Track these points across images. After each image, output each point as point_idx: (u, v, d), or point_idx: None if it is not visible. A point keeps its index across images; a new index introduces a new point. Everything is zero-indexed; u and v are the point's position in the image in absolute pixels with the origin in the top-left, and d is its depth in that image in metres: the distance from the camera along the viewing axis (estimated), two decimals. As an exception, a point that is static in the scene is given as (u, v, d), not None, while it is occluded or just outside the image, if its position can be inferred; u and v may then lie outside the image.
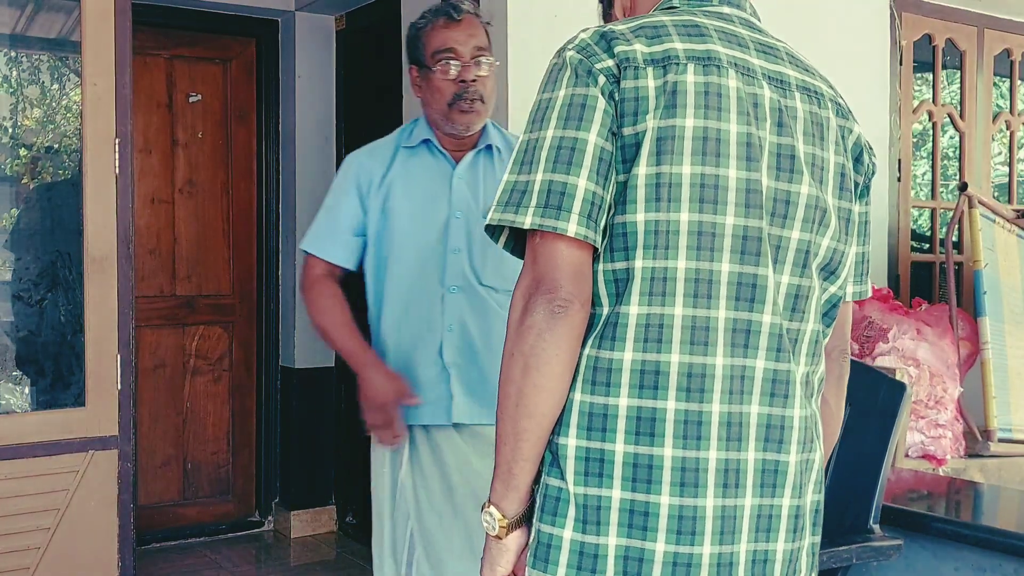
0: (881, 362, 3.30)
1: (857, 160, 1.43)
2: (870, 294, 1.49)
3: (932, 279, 4.38)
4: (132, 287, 2.80)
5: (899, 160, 4.14)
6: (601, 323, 1.24)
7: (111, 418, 2.75)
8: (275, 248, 4.60)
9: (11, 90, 3.31)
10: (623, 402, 1.22)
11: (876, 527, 1.80)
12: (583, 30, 1.30)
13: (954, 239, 4.14)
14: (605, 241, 1.24)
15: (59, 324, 3.01)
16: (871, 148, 1.47)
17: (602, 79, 1.24)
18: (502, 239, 1.31)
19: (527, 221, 1.21)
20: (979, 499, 2.51)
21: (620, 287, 1.24)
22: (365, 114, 4.40)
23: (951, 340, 3.50)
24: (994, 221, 3.72)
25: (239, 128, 4.57)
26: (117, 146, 2.75)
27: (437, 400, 2.24)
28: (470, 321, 2.25)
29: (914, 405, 3.26)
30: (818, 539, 1.36)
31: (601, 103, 1.23)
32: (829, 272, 1.37)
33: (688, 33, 1.28)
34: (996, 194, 4.67)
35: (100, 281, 2.73)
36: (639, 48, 1.25)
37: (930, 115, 4.40)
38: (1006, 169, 4.83)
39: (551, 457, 1.25)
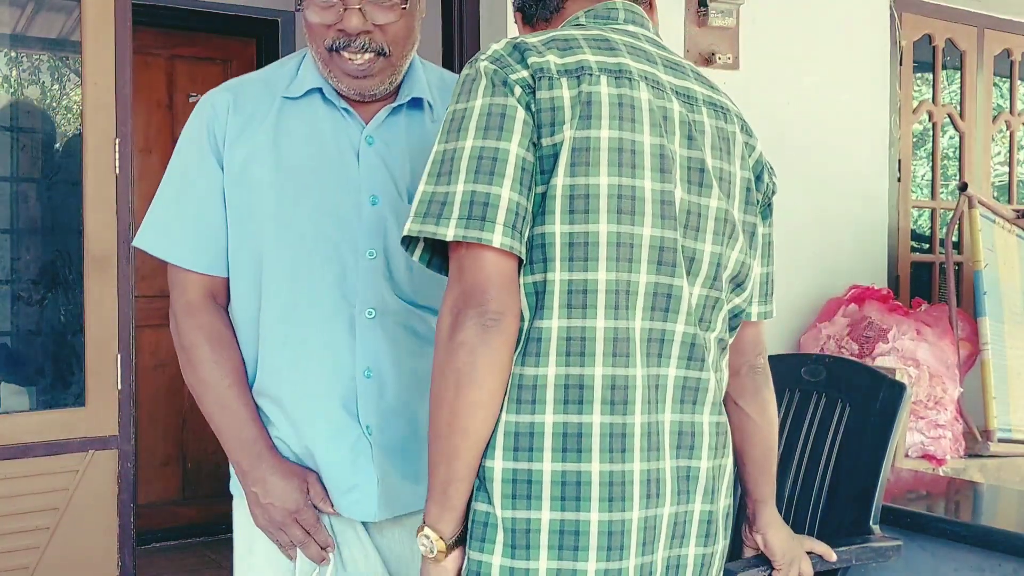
0: (881, 362, 3.30)
1: (758, 178, 1.44)
2: (774, 315, 1.51)
3: (932, 279, 4.38)
4: (132, 287, 2.80)
5: (899, 160, 4.14)
6: (522, 338, 1.22)
7: (111, 418, 2.75)
8: (275, 248, 4.60)
9: (11, 90, 3.30)
10: (549, 419, 1.20)
11: (876, 528, 1.80)
12: (495, 42, 1.29)
13: (954, 239, 4.14)
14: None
15: (59, 324, 3.01)
16: (772, 169, 1.48)
17: (518, 90, 1.22)
18: (417, 251, 1.26)
19: (450, 232, 1.17)
20: (979, 499, 2.51)
21: (539, 300, 1.21)
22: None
23: (951, 340, 3.50)
24: (994, 221, 3.72)
25: (239, 128, 4.57)
26: (117, 146, 2.75)
27: (355, 488, 1.54)
28: (396, 360, 1.53)
29: (914, 405, 3.26)
30: (727, 543, 1.38)
31: (520, 113, 1.21)
32: (737, 284, 1.39)
33: (599, 47, 1.28)
34: (996, 194, 4.67)
35: (100, 281, 2.74)
36: (552, 59, 1.23)
37: (930, 115, 4.40)
38: (1006, 169, 4.83)
39: (478, 482, 1.22)
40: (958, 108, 4.50)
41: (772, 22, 3.66)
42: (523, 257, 1.21)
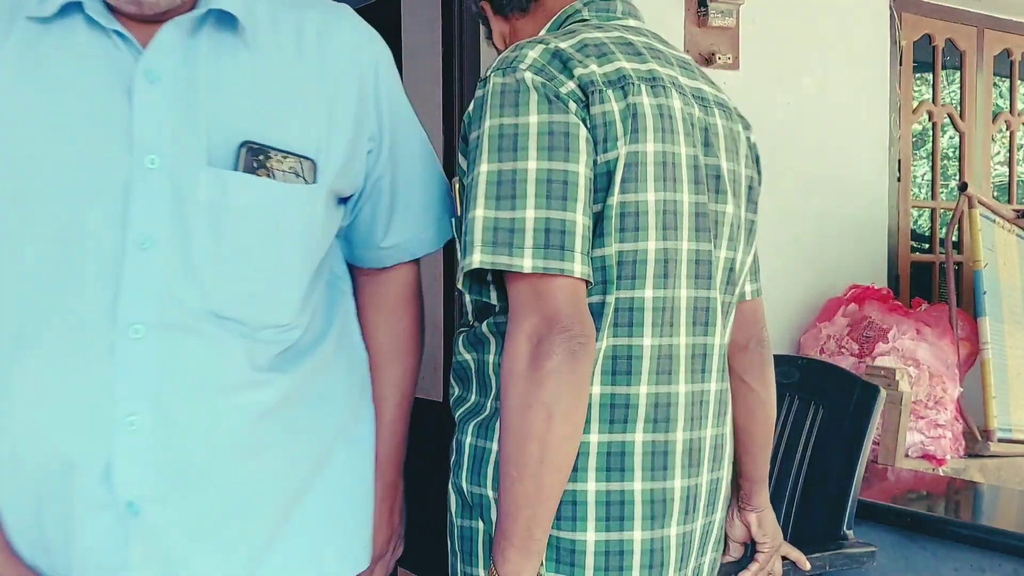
0: (881, 362, 3.30)
1: (759, 173, 1.45)
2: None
3: (932, 279, 4.38)
4: (132, 287, 2.79)
5: (899, 160, 4.14)
6: None
7: (111, 418, 2.74)
8: (275, 248, 4.59)
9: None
10: (592, 438, 1.18)
11: (850, 533, 1.79)
12: (520, 47, 1.20)
13: (954, 239, 4.14)
14: None
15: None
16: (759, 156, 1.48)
17: (572, 104, 1.15)
18: (459, 278, 1.17)
19: (527, 264, 1.10)
20: (979, 499, 2.51)
21: (595, 322, 1.17)
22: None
23: (951, 340, 3.50)
24: (994, 221, 3.72)
25: (239, 128, 4.56)
26: (117, 146, 2.75)
27: None
28: (183, 398, 1.08)
29: (914, 405, 3.26)
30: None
31: (583, 131, 1.15)
32: (736, 283, 1.38)
33: (628, 52, 1.24)
34: (996, 194, 4.67)
35: (100, 281, 2.73)
36: (595, 69, 1.18)
37: (930, 115, 4.40)
38: (1006, 169, 4.83)
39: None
40: (958, 108, 4.50)
41: (772, 22, 3.66)
42: (593, 282, 1.17)
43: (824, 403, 1.91)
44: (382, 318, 1.34)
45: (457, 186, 1.26)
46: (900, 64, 4.10)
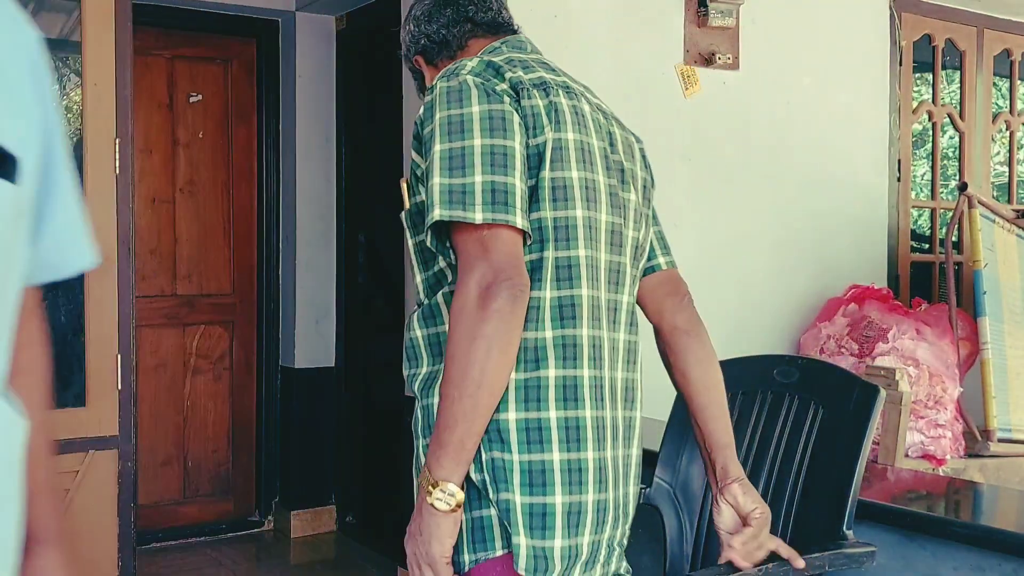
0: (881, 362, 3.30)
1: (652, 177, 1.69)
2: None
3: (932, 279, 4.38)
4: (132, 287, 2.80)
5: (899, 160, 4.15)
6: None
7: (111, 418, 2.75)
8: (275, 248, 4.61)
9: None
10: (551, 373, 1.40)
11: (849, 533, 1.79)
12: (460, 63, 1.47)
13: (954, 239, 4.14)
14: None
15: (59, 324, 3.01)
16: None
17: (506, 98, 1.42)
18: (427, 236, 1.41)
19: (478, 216, 1.34)
20: (979, 499, 2.51)
21: (534, 275, 1.40)
22: (365, 114, 4.40)
23: (951, 340, 3.50)
24: (994, 221, 3.73)
25: (239, 128, 4.57)
26: (117, 146, 2.75)
27: None
28: None
29: (914, 405, 3.26)
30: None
31: (516, 117, 1.41)
32: (640, 255, 1.63)
33: (545, 67, 1.54)
34: (996, 194, 4.67)
35: (100, 281, 2.74)
36: (522, 75, 1.46)
37: (930, 115, 4.40)
38: (1006, 169, 4.83)
39: (493, 433, 1.38)
40: (958, 108, 4.50)
41: (772, 22, 3.66)
42: (532, 237, 1.40)
43: (824, 403, 1.91)
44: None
45: (405, 184, 1.49)
46: (900, 64, 4.10)
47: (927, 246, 4.60)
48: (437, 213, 1.35)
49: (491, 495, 1.38)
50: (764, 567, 1.61)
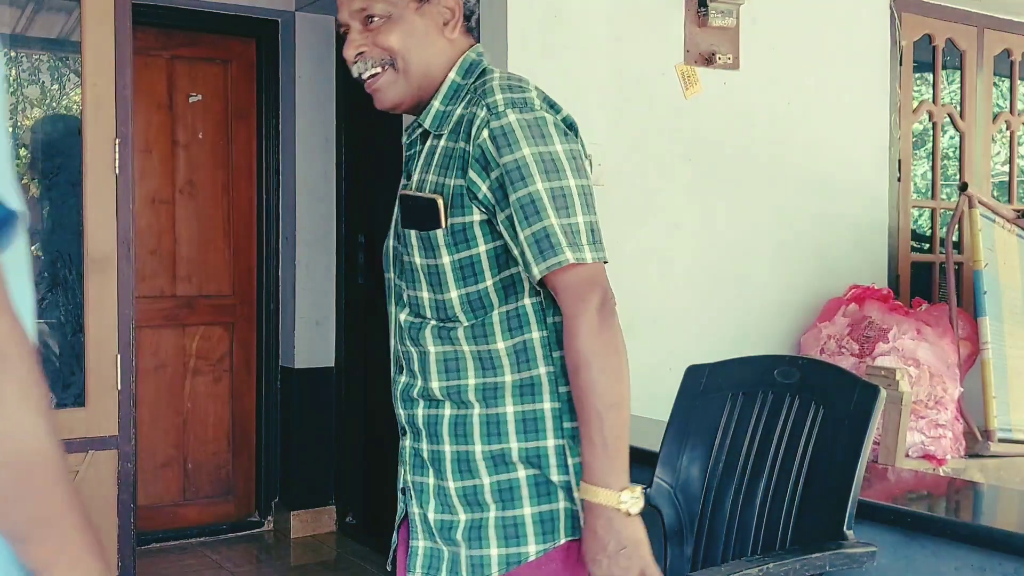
0: (881, 362, 3.30)
1: None
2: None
3: (932, 279, 4.38)
4: (132, 287, 2.80)
5: (899, 160, 4.14)
6: (555, 331, 1.52)
7: (111, 418, 2.75)
8: (275, 248, 4.61)
9: (11, 90, 3.31)
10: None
11: (850, 533, 1.78)
12: (522, 89, 1.49)
13: (954, 239, 4.14)
14: None
15: (59, 324, 3.01)
16: None
17: (571, 135, 1.51)
18: (537, 275, 1.47)
19: (589, 257, 1.43)
20: (979, 499, 2.51)
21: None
22: (365, 114, 4.40)
23: (951, 340, 3.50)
24: (994, 221, 3.72)
25: (239, 128, 4.57)
26: (117, 146, 2.75)
27: None
28: None
29: (914, 405, 3.26)
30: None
31: (584, 157, 1.52)
32: None
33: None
34: (996, 194, 4.67)
35: (100, 281, 2.73)
36: (564, 113, 1.53)
37: (930, 115, 4.40)
38: (1006, 169, 4.83)
39: (573, 440, 1.51)
40: (958, 108, 4.50)
41: (772, 22, 3.66)
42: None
43: (824, 403, 1.90)
44: None
45: (440, 201, 1.47)
46: (900, 64, 4.10)
47: (927, 246, 4.60)
48: (568, 255, 1.42)
49: (575, 493, 1.50)
50: (764, 567, 1.61)
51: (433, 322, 1.54)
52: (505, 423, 1.52)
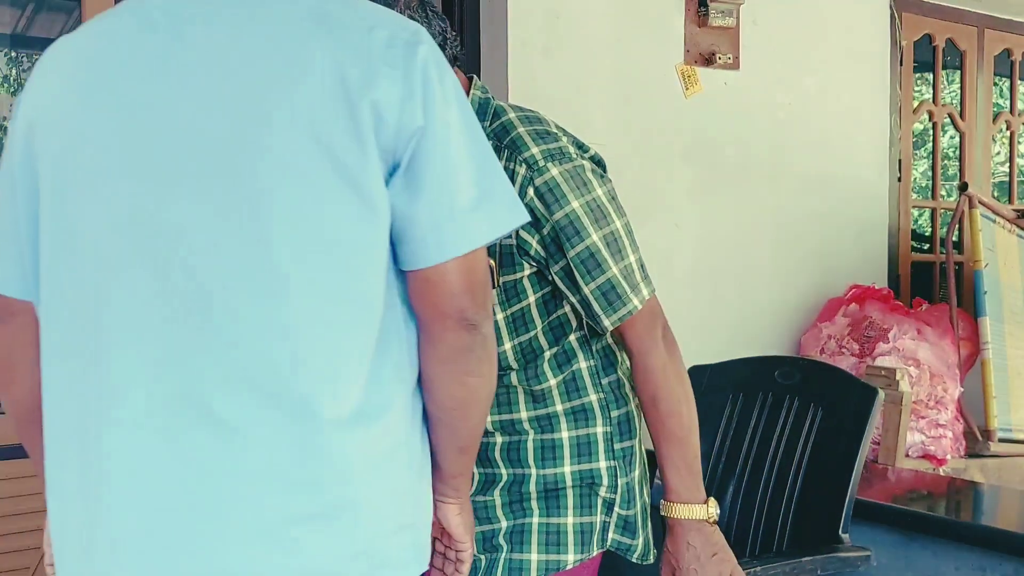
0: (881, 362, 3.30)
1: None
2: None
3: (932, 279, 4.38)
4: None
5: (899, 160, 4.14)
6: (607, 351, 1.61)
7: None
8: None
9: (11, 90, 3.31)
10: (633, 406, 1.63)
11: (845, 536, 1.78)
12: (554, 138, 1.51)
13: (954, 239, 4.14)
14: None
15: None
16: None
17: (603, 174, 1.57)
18: (613, 323, 1.56)
19: (646, 292, 1.53)
20: (980, 499, 2.51)
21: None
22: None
23: (951, 340, 3.50)
24: (994, 221, 3.73)
25: (239, 128, 4.56)
26: (117, 146, 2.75)
27: None
28: None
29: (915, 405, 3.26)
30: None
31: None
32: None
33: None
34: (996, 194, 4.67)
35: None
36: (591, 151, 1.59)
37: (930, 115, 4.40)
38: (1006, 169, 4.83)
39: (622, 460, 1.59)
40: (958, 108, 4.50)
41: (772, 22, 3.66)
42: None
43: (823, 405, 1.91)
44: None
45: (495, 264, 1.50)
46: (900, 64, 4.10)
47: (927, 246, 4.60)
48: (635, 303, 1.51)
49: (626, 507, 1.59)
50: (764, 566, 1.61)
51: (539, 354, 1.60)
52: (561, 447, 1.58)
